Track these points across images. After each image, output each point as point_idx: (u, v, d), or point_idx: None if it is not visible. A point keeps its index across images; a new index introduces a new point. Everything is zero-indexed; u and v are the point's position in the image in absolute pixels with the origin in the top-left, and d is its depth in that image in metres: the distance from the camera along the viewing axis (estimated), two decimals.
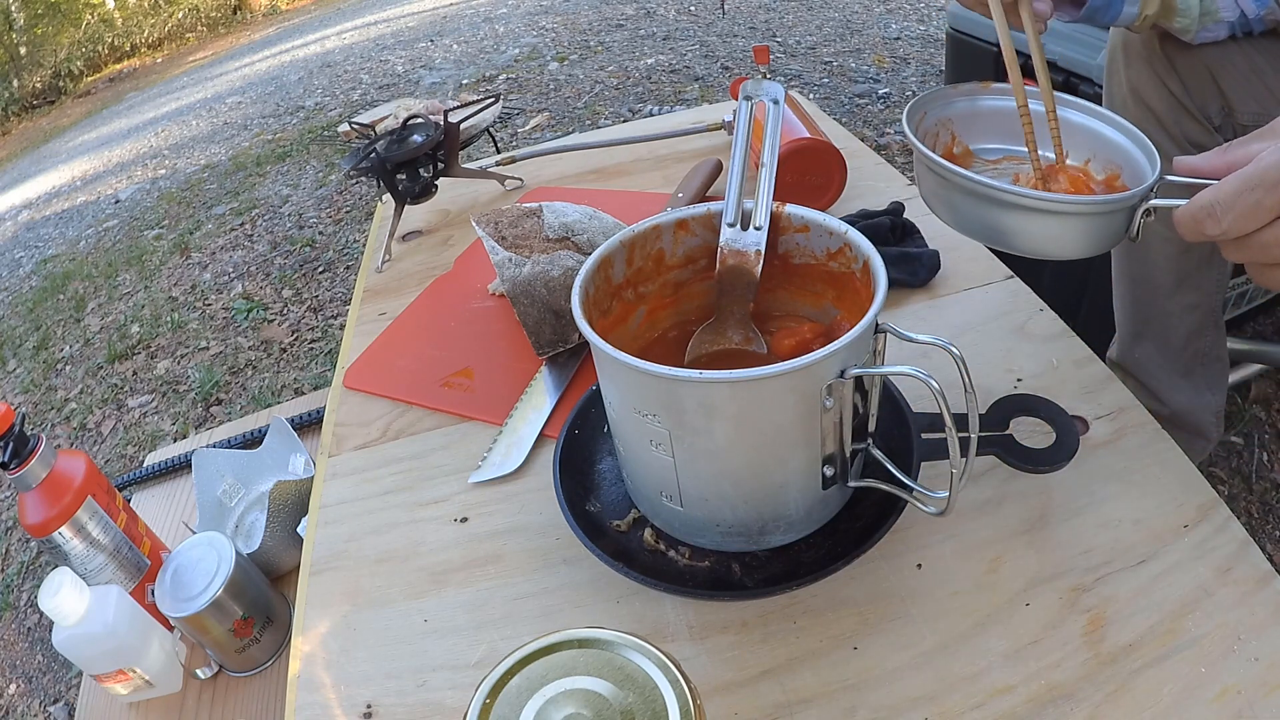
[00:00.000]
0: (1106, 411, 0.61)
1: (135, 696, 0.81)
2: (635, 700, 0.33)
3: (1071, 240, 0.51)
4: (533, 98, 3.65)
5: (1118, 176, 0.56)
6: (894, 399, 0.58)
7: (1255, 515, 1.25)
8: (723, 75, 3.47)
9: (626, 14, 4.68)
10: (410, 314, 0.89)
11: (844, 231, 0.52)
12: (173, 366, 2.36)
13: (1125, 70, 0.92)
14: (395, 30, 5.89)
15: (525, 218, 0.79)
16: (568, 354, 0.77)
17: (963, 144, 0.61)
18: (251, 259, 2.85)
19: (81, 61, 8.46)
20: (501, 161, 1.18)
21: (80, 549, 0.76)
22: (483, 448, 0.69)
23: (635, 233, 0.55)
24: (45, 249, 3.64)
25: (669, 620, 0.53)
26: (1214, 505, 0.54)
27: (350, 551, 0.63)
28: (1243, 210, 0.42)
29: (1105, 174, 0.57)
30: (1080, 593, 0.50)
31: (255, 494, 0.99)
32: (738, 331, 0.58)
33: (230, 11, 9.35)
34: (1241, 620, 0.47)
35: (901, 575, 0.53)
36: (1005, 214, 0.51)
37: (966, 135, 0.61)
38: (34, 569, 1.80)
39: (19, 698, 1.50)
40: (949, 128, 0.60)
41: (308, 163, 3.60)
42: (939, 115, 0.60)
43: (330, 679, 0.54)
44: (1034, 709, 0.45)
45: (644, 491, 0.53)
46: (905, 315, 0.74)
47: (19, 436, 0.72)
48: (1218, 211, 0.43)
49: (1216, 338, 1.06)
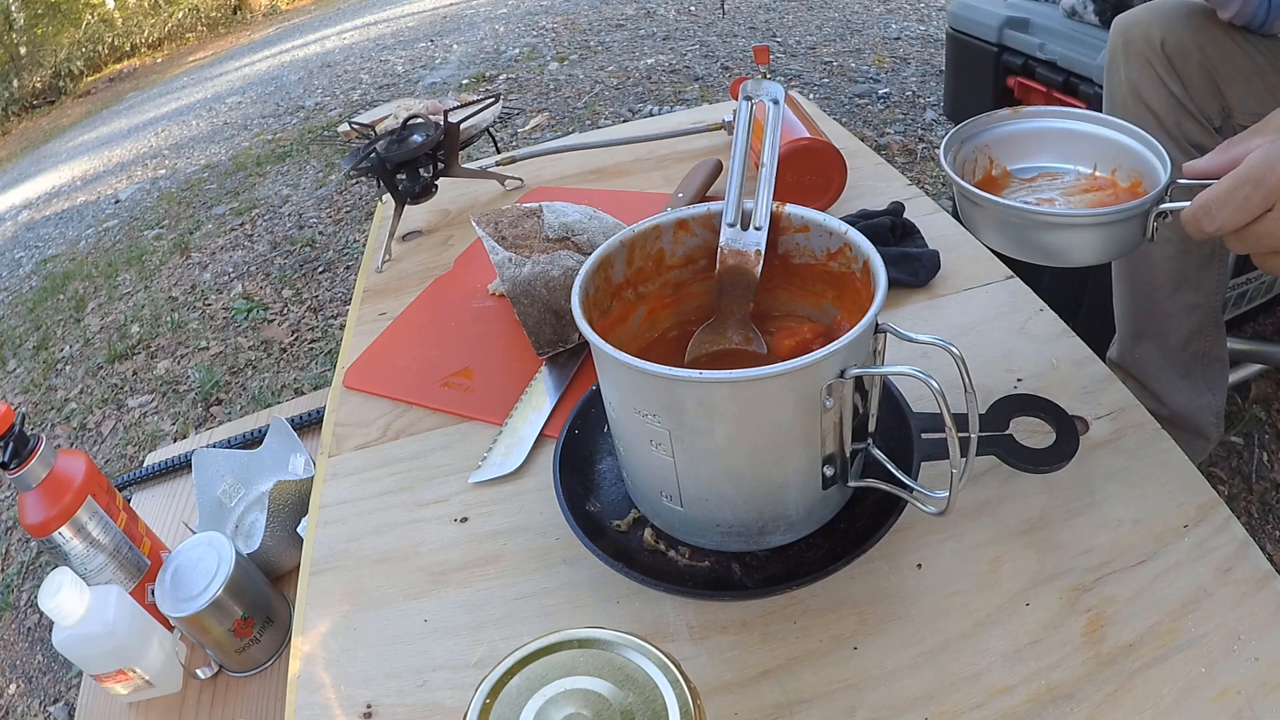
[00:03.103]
0: (1106, 411, 0.61)
1: (135, 696, 0.81)
2: (635, 700, 0.33)
3: (1093, 248, 0.56)
4: (533, 98, 3.65)
5: (1140, 183, 0.60)
6: (894, 399, 0.58)
7: (1255, 515, 1.25)
8: (723, 75, 3.47)
9: (626, 14, 4.68)
10: (410, 314, 0.89)
11: (844, 231, 0.52)
12: (173, 366, 2.36)
13: (1125, 70, 0.92)
14: (395, 30, 5.89)
15: (525, 218, 0.79)
16: (568, 354, 0.77)
17: (1001, 166, 0.66)
18: (251, 259, 2.85)
19: (81, 61, 8.46)
20: (501, 161, 1.18)
21: (80, 549, 0.76)
22: (483, 448, 0.69)
23: (635, 233, 0.55)
24: (45, 249, 3.64)
25: (669, 620, 0.53)
26: (1214, 505, 0.54)
27: (350, 551, 0.63)
28: (1234, 206, 0.45)
29: (1130, 182, 0.61)
30: (1080, 593, 0.50)
31: (255, 494, 0.99)
32: (738, 331, 0.58)
33: (230, 11, 9.34)
34: (1241, 620, 0.47)
35: (901, 575, 0.53)
36: (1030, 231, 0.56)
37: (1003, 158, 0.66)
38: (34, 569, 1.80)
39: (19, 698, 1.50)
40: (986, 153, 0.65)
41: (308, 163, 3.60)
42: (976, 143, 0.65)
43: (330, 679, 0.54)
44: (1034, 709, 0.45)
45: (644, 491, 0.53)
46: (905, 315, 0.74)
47: (19, 436, 0.72)
48: (1213, 209, 0.47)
49: (1217, 338, 1.06)
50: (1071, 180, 0.65)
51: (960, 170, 0.64)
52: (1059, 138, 0.65)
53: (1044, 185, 0.65)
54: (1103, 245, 0.56)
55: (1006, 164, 0.66)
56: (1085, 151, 0.64)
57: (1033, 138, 0.66)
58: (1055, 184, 0.65)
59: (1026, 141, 0.66)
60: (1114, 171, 0.63)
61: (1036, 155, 0.66)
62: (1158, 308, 1.03)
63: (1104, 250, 0.56)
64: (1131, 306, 1.07)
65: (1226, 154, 0.49)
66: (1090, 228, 0.55)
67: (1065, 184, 0.65)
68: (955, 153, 0.64)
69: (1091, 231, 0.55)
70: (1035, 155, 0.66)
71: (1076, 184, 0.64)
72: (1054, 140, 0.65)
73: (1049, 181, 0.65)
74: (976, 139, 0.66)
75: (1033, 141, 0.66)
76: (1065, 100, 1.54)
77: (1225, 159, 0.49)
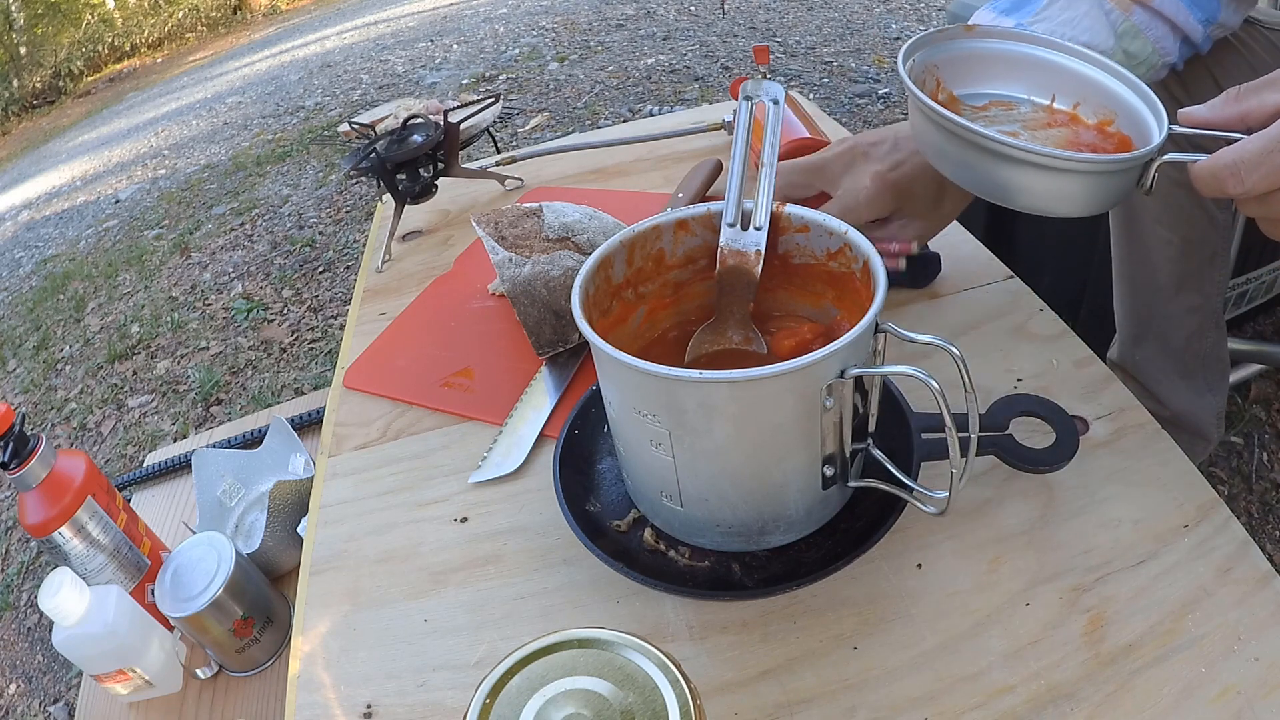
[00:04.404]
0: (1106, 411, 0.61)
1: (135, 696, 0.81)
2: (635, 700, 0.33)
3: (1080, 198, 0.50)
4: (533, 98, 3.66)
5: (1111, 122, 0.55)
6: (894, 399, 0.58)
7: (1255, 515, 1.25)
8: (723, 75, 3.47)
9: (626, 14, 4.69)
10: (410, 314, 0.89)
11: (844, 231, 0.52)
12: (173, 366, 2.36)
13: None
14: (395, 30, 5.90)
15: (525, 218, 0.79)
16: (568, 354, 0.77)
17: (947, 90, 0.59)
18: (251, 259, 2.85)
19: (81, 61, 8.46)
20: (501, 161, 1.18)
21: (80, 549, 0.76)
22: (483, 448, 0.69)
23: (635, 233, 0.55)
24: (45, 249, 3.64)
25: (669, 620, 0.53)
26: (1214, 505, 0.54)
27: (350, 551, 0.63)
28: (1269, 170, 0.42)
29: (1097, 119, 0.56)
30: (1080, 593, 0.50)
31: (255, 494, 0.99)
32: (738, 331, 0.58)
33: (230, 11, 9.35)
34: (1241, 620, 0.47)
35: (901, 575, 0.53)
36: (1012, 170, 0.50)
37: (952, 81, 0.60)
38: (34, 569, 1.80)
39: (19, 698, 1.50)
40: (934, 73, 0.58)
41: (308, 163, 3.60)
42: (925, 60, 0.58)
43: (330, 679, 0.54)
44: (1034, 709, 0.45)
45: (644, 491, 0.53)
46: (905, 315, 0.74)
47: (19, 436, 0.72)
48: (1241, 171, 0.42)
49: (1217, 339, 1.06)
50: (1029, 112, 0.58)
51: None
52: (1014, 62, 0.58)
53: (1000, 116, 0.58)
54: (1093, 195, 0.50)
55: (954, 88, 0.59)
56: (1042, 81, 0.58)
57: (985, 60, 0.59)
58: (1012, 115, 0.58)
59: (977, 64, 0.59)
60: (1076, 105, 0.57)
61: (987, 81, 0.59)
62: (1159, 309, 1.02)
63: (1093, 201, 0.51)
64: (1132, 307, 1.06)
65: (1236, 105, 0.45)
66: (1084, 175, 0.49)
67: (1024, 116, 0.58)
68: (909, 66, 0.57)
69: (1084, 180, 0.49)
70: (986, 81, 0.59)
71: (1036, 117, 0.58)
72: (1008, 65, 0.58)
73: (1004, 112, 0.59)
74: (925, 55, 0.59)
75: (984, 64, 0.59)
76: None
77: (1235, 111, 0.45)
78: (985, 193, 0.53)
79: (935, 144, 0.55)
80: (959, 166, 0.54)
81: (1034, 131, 0.56)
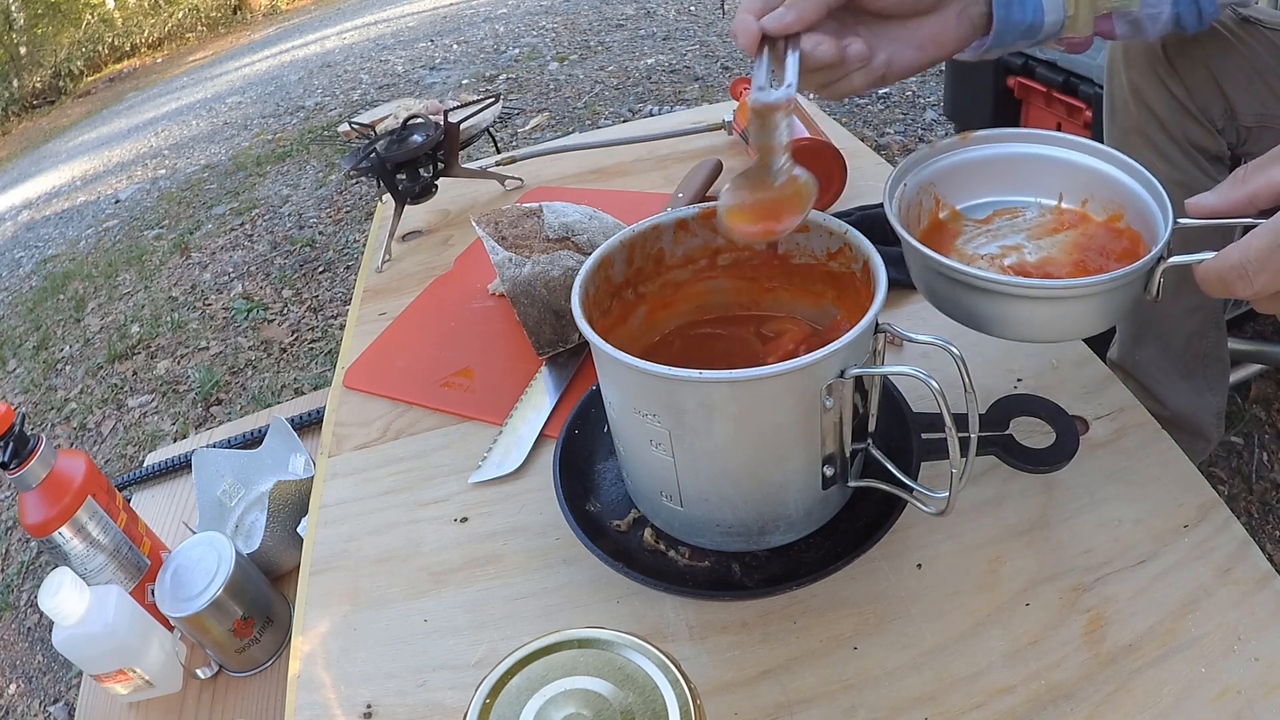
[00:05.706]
0: (1106, 411, 0.61)
1: (135, 696, 0.81)
2: (635, 700, 0.33)
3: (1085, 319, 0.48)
4: (533, 98, 3.66)
5: (1120, 217, 0.53)
6: (894, 399, 0.58)
7: (1255, 515, 1.25)
8: (723, 75, 3.47)
9: (626, 14, 4.68)
10: (410, 314, 0.89)
11: (844, 231, 0.52)
12: (173, 366, 2.36)
13: (1126, 71, 0.91)
14: (395, 30, 5.90)
15: (525, 218, 0.79)
16: (568, 354, 0.77)
17: (949, 206, 0.56)
18: (251, 259, 2.85)
19: (81, 61, 8.46)
20: (501, 161, 1.18)
21: (80, 549, 0.76)
22: (483, 448, 0.69)
23: (635, 233, 0.55)
24: (45, 249, 3.64)
25: (669, 620, 0.53)
26: (1214, 505, 0.54)
27: (350, 551, 0.63)
28: (1276, 269, 0.38)
29: (1107, 214, 0.54)
30: (1080, 593, 0.50)
31: (255, 494, 0.99)
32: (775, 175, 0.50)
33: (230, 11, 9.35)
34: (1241, 620, 0.47)
35: (901, 575, 0.53)
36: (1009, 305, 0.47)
37: (951, 195, 0.57)
38: (34, 569, 1.80)
39: (19, 698, 1.50)
40: (932, 192, 0.55)
41: (308, 163, 3.60)
42: (919, 180, 0.55)
43: (330, 679, 0.54)
44: (1034, 709, 0.45)
45: (644, 491, 0.53)
46: (905, 315, 0.74)
47: (19, 436, 0.72)
48: (1249, 272, 0.39)
49: (1218, 339, 1.06)
50: (1035, 217, 0.55)
51: (905, 219, 0.52)
52: (1014, 165, 0.55)
53: (1004, 228, 0.55)
54: (1099, 313, 0.47)
55: (955, 203, 0.57)
56: (1046, 180, 0.55)
57: (983, 167, 0.56)
58: (1017, 224, 0.55)
59: (977, 172, 0.56)
60: (1084, 203, 0.54)
61: (989, 188, 0.56)
62: (1159, 309, 1.02)
63: (1101, 319, 0.48)
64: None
65: (1242, 188, 0.42)
66: (1083, 299, 0.46)
67: (1030, 223, 0.55)
68: (899, 196, 0.53)
69: (1084, 303, 0.46)
70: (988, 188, 0.56)
71: (1043, 222, 0.55)
72: (1008, 168, 0.56)
73: (1008, 221, 0.55)
74: (920, 174, 0.56)
75: (983, 172, 0.56)
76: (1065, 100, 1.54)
77: (1242, 193, 0.42)
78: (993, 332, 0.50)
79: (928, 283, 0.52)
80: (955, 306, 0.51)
81: (1039, 240, 0.54)
